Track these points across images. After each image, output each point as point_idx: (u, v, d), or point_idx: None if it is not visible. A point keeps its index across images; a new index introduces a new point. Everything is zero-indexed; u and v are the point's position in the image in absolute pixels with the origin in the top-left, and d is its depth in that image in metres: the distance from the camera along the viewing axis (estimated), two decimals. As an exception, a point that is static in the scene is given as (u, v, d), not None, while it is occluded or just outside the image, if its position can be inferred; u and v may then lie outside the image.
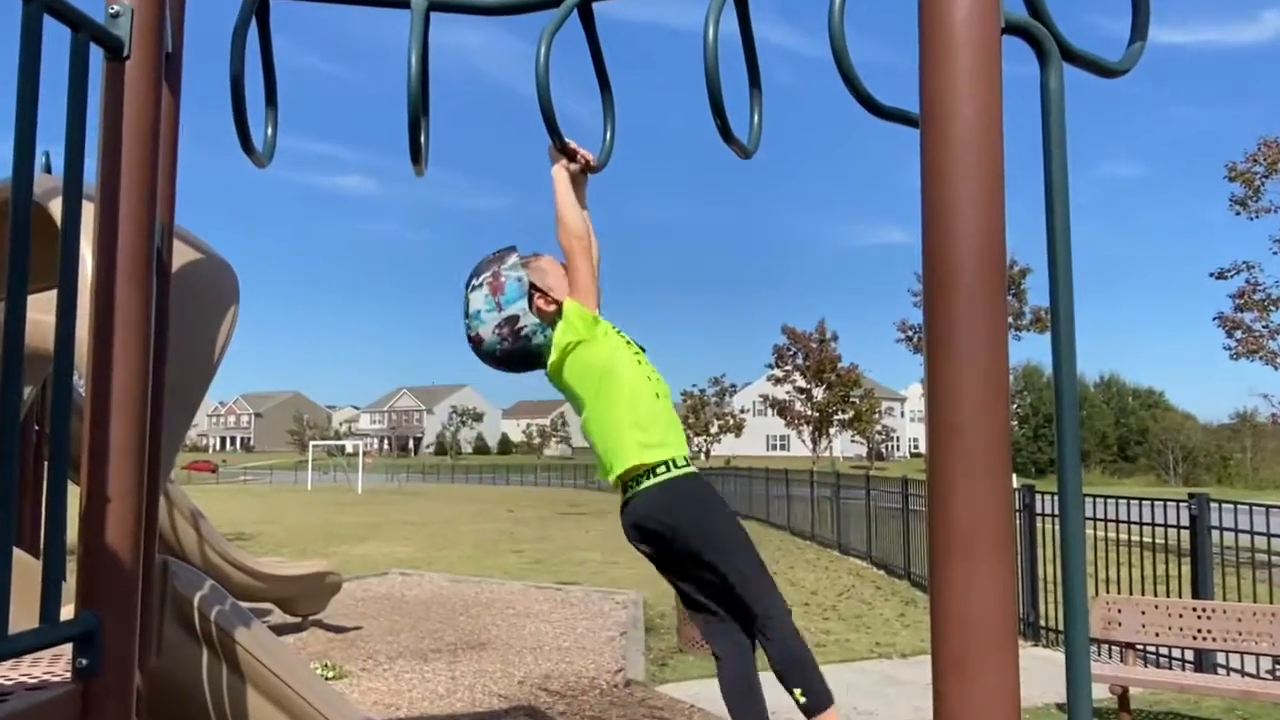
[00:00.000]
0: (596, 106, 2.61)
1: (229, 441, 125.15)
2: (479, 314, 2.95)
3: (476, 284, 2.97)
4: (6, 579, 1.34)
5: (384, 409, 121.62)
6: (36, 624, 1.46)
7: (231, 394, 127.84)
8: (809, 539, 17.52)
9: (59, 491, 1.49)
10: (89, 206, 1.56)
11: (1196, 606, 5.82)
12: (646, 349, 3.04)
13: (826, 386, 53.53)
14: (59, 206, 1.51)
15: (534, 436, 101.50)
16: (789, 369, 54.47)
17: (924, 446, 1.38)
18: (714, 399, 70.01)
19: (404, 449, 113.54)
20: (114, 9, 1.58)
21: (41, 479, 4.09)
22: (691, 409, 66.67)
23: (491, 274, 2.96)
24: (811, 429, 54.86)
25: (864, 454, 71.24)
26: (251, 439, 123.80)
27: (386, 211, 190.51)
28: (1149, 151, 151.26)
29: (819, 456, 53.24)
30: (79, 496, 1.57)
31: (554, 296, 2.93)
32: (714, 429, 66.02)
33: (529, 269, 2.98)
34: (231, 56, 2.08)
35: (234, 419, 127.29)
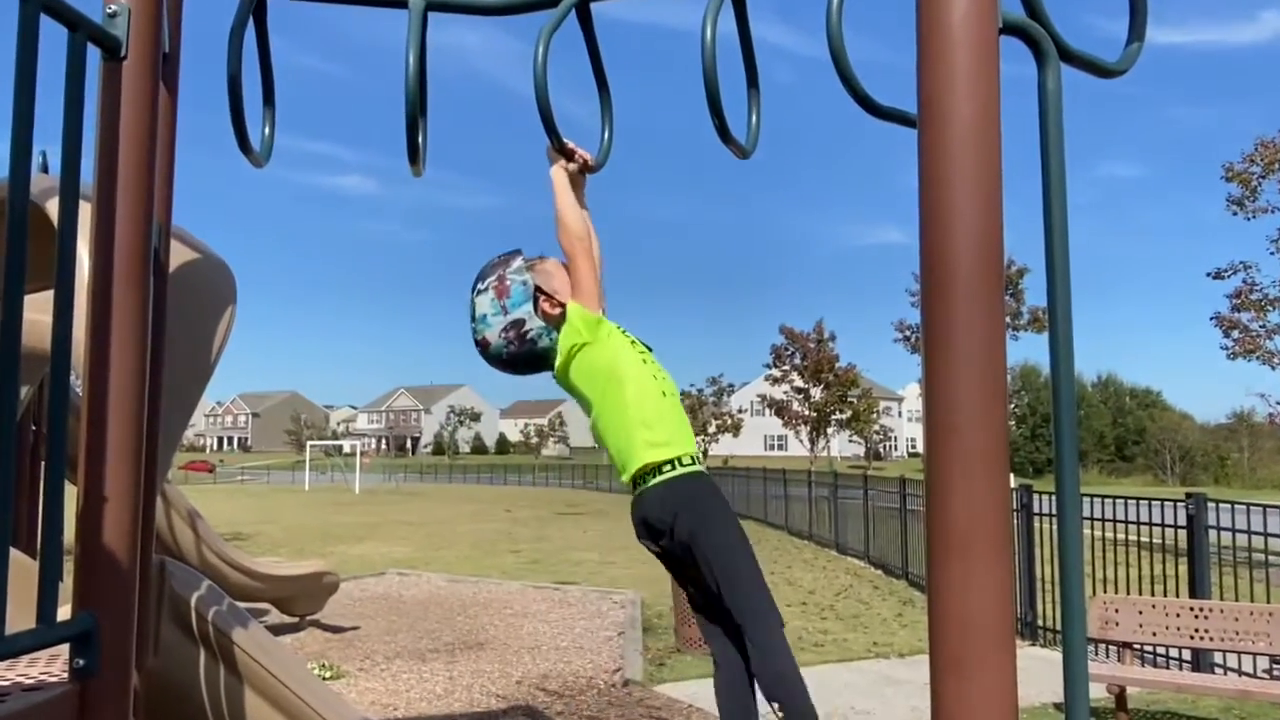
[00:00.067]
0: (595, 106, 2.61)
1: (226, 441, 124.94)
2: (485, 318, 2.95)
3: (482, 288, 2.97)
4: (3, 579, 1.34)
5: (382, 409, 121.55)
6: (34, 624, 1.45)
7: (229, 394, 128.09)
8: (806, 539, 17.53)
9: (56, 492, 1.49)
10: (86, 206, 1.55)
11: (1194, 606, 5.82)
12: (653, 348, 3.04)
13: (824, 386, 53.48)
14: (56, 206, 1.51)
15: (532, 436, 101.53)
16: (787, 369, 54.40)
17: (922, 446, 1.38)
18: (712, 399, 69.92)
19: (401, 449, 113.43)
20: (111, 9, 1.58)
21: (39, 479, 4.08)
22: (689, 409, 66.45)
23: (497, 278, 2.96)
24: (809, 429, 54.80)
25: (862, 454, 71.28)
26: (249, 439, 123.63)
27: (385, 211, 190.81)
28: (1147, 152, 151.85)
29: (816, 456, 53.15)
30: (76, 497, 1.57)
31: (559, 299, 2.93)
32: (712, 429, 65.93)
33: (534, 272, 2.98)
34: (229, 56, 2.08)
35: (231, 419, 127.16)
